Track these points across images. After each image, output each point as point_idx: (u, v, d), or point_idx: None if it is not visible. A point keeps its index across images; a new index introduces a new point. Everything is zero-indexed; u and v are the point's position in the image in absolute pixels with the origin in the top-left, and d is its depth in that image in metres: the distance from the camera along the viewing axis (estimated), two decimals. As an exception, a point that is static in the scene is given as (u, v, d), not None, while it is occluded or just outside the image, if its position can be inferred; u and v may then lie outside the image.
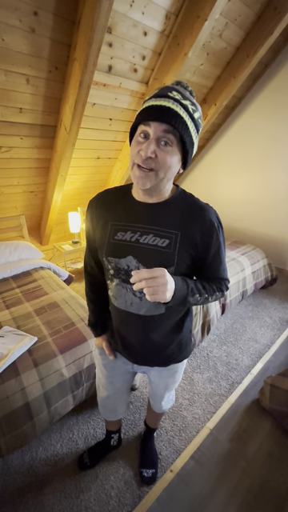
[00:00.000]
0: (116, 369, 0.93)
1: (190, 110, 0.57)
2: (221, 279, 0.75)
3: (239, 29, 1.99)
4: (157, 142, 0.56)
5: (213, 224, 0.66)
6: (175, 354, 0.84)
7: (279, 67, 2.60)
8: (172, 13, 1.65)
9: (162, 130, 0.55)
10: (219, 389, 1.61)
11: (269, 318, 2.33)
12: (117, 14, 1.48)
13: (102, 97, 1.92)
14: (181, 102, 0.56)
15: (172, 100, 0.55)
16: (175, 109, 0.54)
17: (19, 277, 2.14)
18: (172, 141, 0.57)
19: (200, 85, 2.38)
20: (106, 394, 0.99)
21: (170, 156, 0.58)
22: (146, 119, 0.56)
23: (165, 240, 0.65)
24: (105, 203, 0.74)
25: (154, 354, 0.82)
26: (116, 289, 0.74)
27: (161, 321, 0.74)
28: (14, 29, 1.30)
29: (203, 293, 0.68)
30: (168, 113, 0.54)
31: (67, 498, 1.10)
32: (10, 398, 1.08)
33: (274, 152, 2.84)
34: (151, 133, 0.56)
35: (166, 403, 1.05)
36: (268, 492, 1.12)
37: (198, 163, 3.66)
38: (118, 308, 0.76)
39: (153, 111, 0.55)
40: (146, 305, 0.71)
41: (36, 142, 2.00)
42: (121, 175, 2.77)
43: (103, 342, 0.90)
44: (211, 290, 0.71)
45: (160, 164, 0.58)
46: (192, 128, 0.58)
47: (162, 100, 0.55)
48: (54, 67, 1.57)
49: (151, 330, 0.76)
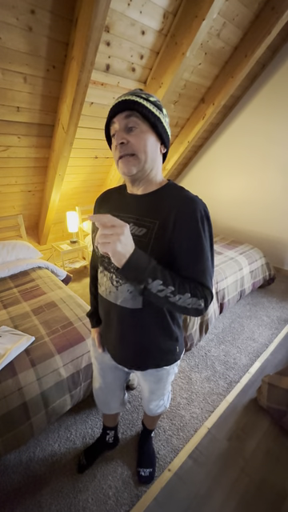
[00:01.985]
0: (104, 363, 0.94)
1: (143, 96, 0.63)
2: (199, 283, 0.62)
3: (237, 28, 1.99)
4: (125, 130, 0.63)
5: (194, 212, 0.61)
6: (154, 358, 0.80)
7: (277, 67, 2.60)
8: (170, 12, 1.65)
9: (124, 117, 0.62)
10: (217, 388, 1.61)
11: (267, 317, 2.34)
12: (114, 12, 1.48)
13: (99, 96, 1.92)
14: (135, 94, 0.63)
15: (124, 96, 0.63)
16: (128, 98, 0.61)
17: (17, 276, 2.13)
18: (136, 122, 0.62)
19: (198, 84, 2.38)
20: (98, 385, 1.01)
21: (141, 137, 0.62)
22: (110, 120, 0.65)
23: (142, 229, 0.65)
24: (104, 200, 0.82)
25: (130, 354, 0.80)
26: (100, 276, 0.78)
27: (137, 316, 0.72)
28: (10, 27, 1.30)
29: (169, 283, 0.57)
30: (124, 103, 0.61)
31: (65, 497, 1.09)
32: (7, 397, 1.08)
33: (271, 152, 2.85)
34: (117, 125, 0.63)
35: (155, 408, 1.02)
36: (266, 491, 1.12)
37: (195, 163, 3.66)
38: (101, 296, 0.79)
39: (112, 110, 0.63)
40: (122, 294, 0.70)
41: (33, 141, 2.00)
42: (119, 175, 2.77)
43: (95, 333, 0.93)
44: (182, 288, 0.58)
45: (135, 146, 0.62)
46: (151, 106, 0.63)
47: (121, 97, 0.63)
48: (52, 66, 1.57)
49: (127, 325, 0.74)
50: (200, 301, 0.60)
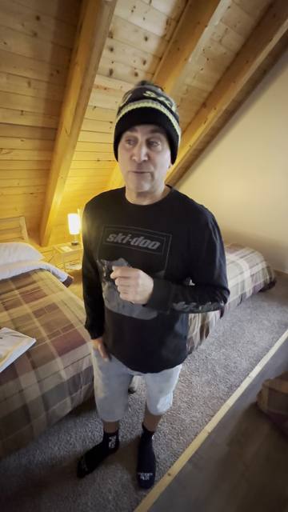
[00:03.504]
0: (111, 371, 0.93)
1: (167, 105, 0.57)
2: (217, 287, 0.68)
3: (239, 35, 2.02)
4: (146, 143, 0.56)
5: (206, 225, 0.64)
6: (169, 360, 0.82)
7: (278, 73, 2.63)
8: (173, 18, 1.68)
9: (150, 131, 0.55)
10: (217, 392, 1.61)
11: (267, 321, 2.33)
12: (118, 19, 1.50)
13: (102, 100, 1.94)
14: (158, 100, 0.55)
15: (151, 100, 0.54)
16: (156, 107, 0.54)
17: (18, 278, 2.13)
18: (160, 138, 0.57)
19: (200, 89, 2.41)
20: (103, 395, 0.99)
21: (161, 155, 0.58)
22: (131, 125, 0.55)
23: (155, 243, 0.64)
24: (99, 206, 0.75)
25: (147, 359, 0.81)
26: (108, 291, 0.74)
27: (154, 325, 0.73)
28: (16, 33, 1.32)
29: (190, 301, 0.64)
30: (151, 113, 0.54)
31: (64, 501, 1.09)
32: (7, 399, 1.08)
33: (272, 155, 2.87)
34: (139, 136, 0.55)
35: (161, 406, 1.04)
36: (266, 496, 1.11)
37: (197, 167, 3.68)
38: (111, 311, 0.76)
39: (136, 115, 0.54)
40: (138, 307, 0.70)
41: (36, 144, 2.01)
42: (120, 178, 2.78)
43: (99, 344, 0.91)
44: (202, 299, 0.66)
45: (154, 165, 0.58)
46: (174, 121, 0.58)
47: (141, 102, 0.54)
48: (56, 70, 1.59)
49: (144, 334, 0.75)
50: (220, 302, 0.68)
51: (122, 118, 0.57)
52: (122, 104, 0.58)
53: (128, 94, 0.57)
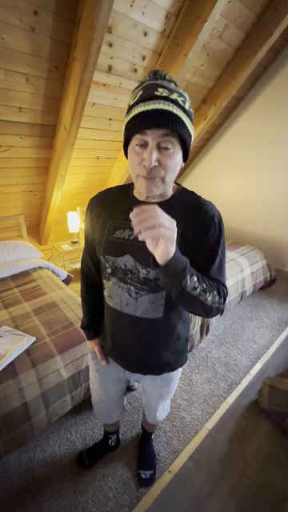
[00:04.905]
0: (108, 375, 0.91)
1: (180, 104, 0.53)
2: (217, 281, 0.67)
3: (239, 30, 1.99)
4: (157, 148, 0.54)
5: (212, 218, 0.64)
6: (170, 362, 0.81)
7: (279, 68, 2.60)
8: (172, 13, 1.66)
9: (161, 135, 0.52)
10: (218, 389, 1.61)
11: (267, 318, 2.33)
12: (117, 13, 1.48)
13: (101, 97, 1.92)
14: (170, 99, 0.51)
15: (162, 100, 0.51)
16: (168, 109, 0.51)
17: (18, 276, 2.13)
18: (172, 142, 0.54)
19: (200, 85, 2.39)
20: (99, 398, 0.98)
21: (173, 158, 0.56)
22: (141, 128, 0.53)
23: None
24: (105, 202, 0.73)
25: (148, 361, 0.79)
26: (112, 288, 0.72)
27: (157, 325, 0.71)
28: (13, 28, 1.30)
29: (201, 281, 0.59)
30: (163, 116, 0.51)
31: (65, 499, 1.09)
32: (7, 398, 1.07)
33: (272, 153, 2.85)
34: (149, 140, 0.53)
35: (160, 414, 1.02)
36: (266, 493, 1.12)
37: (197, 164, 3.66)
38: (113, 309, 0.74)
39: (147, 118, 0.51)
40: (142, 305, 0.69)
41: (35, 142, 2.00)
42: (120, 175, 2.77)
43: (96, 346, 0.88)
44: (209, 285, 0.61)
45: (165, 169, 0.56)
46: (187, 121, 0.55)
47: (151, 103, 0.51)
48: (54, 67, 1.57)
49: (147, 334, 0.73)
50: (221, 299, 0.64)
51: (131, 120, 0.54)
52: (131, 102, 0.55)
53: (139, 91, 0.54)
